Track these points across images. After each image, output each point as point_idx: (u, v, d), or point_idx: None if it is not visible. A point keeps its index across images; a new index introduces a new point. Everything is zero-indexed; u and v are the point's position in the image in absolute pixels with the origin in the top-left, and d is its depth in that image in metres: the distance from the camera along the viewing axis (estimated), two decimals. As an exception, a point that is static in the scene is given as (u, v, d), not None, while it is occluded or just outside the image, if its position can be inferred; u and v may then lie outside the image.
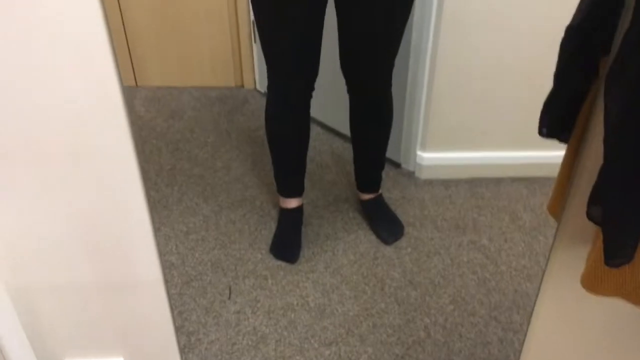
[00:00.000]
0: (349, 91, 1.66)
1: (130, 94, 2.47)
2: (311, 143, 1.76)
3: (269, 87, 1.61)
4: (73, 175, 1.01)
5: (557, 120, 0.89)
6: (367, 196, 1.92)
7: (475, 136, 2.02)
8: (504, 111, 1.94)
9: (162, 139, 2.27)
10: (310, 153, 1.78)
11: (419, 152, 2.06)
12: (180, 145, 2.25)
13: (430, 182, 2.08)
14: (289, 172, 1.81)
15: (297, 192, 1.85)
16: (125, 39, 2.39)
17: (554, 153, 1.00)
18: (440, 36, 1.79)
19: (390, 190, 2.03)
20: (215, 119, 2.39)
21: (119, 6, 2.31)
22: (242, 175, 2.11)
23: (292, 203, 1.85)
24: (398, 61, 1.57)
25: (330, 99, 1.94)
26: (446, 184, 2.07)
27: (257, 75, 2.51)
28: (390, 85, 1.62)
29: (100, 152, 0.99)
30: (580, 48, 0.74)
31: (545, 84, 0.88)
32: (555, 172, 0.98)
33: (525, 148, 1.99)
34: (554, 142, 0.95)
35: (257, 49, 2.43)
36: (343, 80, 1.63)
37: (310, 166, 1.83)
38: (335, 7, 1.47)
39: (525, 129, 1.04)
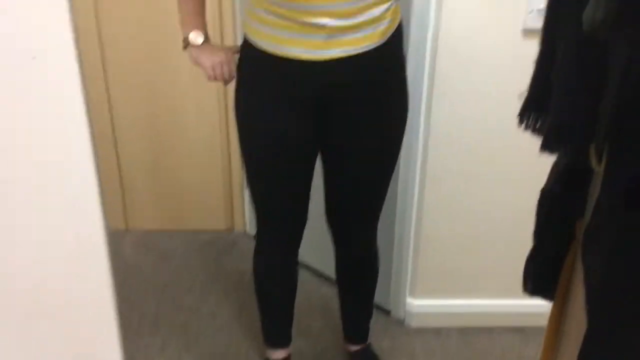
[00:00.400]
0: (334, 243, 1.66)
1: (119, 237, 2.47)
2: (299, 287, 1.73)
3: (257, 235, 1.61)
4: (43, 325, 0.97)
5: (540, 278, 0.89)
6: (355, 347, 1.85)
7: (465, 283, 2.00)
8: (494, 258, 1.94)
9: (148, 284, 2.24)
10: (298, 298, 1.74)
11: (408, 299, 2.03)
12: (166, 290, 2.21)
13: (420, 331, 2.03)
14: (276, 322, 1.77)
15: (284, 342, 1.79)
16: (120, 183, 2.44)
17: (547, 303, 0.98)
18: (426, 185, 1.84)
19: (379, 340, 1.97)
20: (203, 262, 2.38)
21: (117, 153, 2.39)
22: (228, 323, 2.05)
23: (279, 355, 1.78)
24: (385, 206, 1.59)
25: (318, 244, 1.94)
26: (437, 332, 2.02)
27: (247, 218, 2.54)
28: (375, 238, 1.63)
29: (76, 301, 0.96)
30: (553, 212, 0.76)
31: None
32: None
33: (517, 296, 1.96)
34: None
35: (248, 193, 2.47)
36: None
37: (297, 313, 1.78)
38: (322, 163, 1.51)
39: (516, 278, 1.03)
